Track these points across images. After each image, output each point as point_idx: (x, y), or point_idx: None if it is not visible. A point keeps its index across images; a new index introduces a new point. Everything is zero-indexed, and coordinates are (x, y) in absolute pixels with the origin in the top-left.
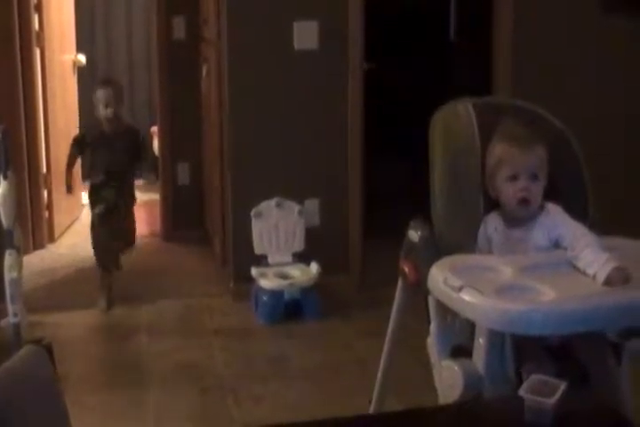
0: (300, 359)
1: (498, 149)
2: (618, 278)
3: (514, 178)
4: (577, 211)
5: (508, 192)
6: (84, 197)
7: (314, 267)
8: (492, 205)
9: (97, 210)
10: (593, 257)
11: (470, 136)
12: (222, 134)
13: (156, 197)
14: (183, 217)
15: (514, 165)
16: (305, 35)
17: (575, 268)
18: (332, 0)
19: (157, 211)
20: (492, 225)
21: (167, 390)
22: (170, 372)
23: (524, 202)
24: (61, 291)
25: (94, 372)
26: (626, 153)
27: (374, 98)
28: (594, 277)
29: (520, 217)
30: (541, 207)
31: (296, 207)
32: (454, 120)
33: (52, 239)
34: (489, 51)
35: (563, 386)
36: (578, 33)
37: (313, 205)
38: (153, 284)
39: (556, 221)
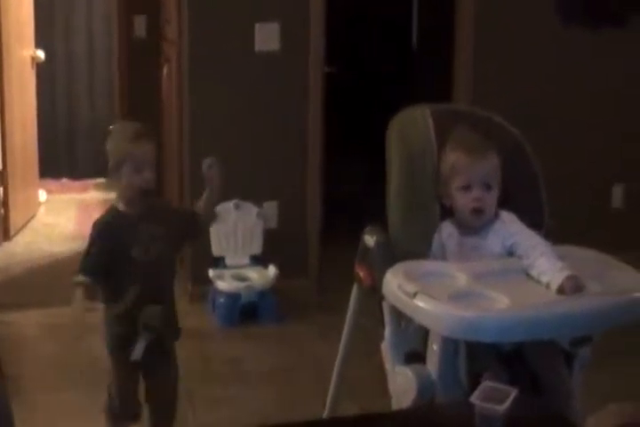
0: (257, 362)
1: (451, 158)
2: (571, 287)
3: (467, 188)
4: (532, 219)
5: (462, 202)
6: (42, 194)
7: (271, 270)
8: (448, 211)
9: (135, 353)
10: (547, 265)
11: (426, 142)
12: (181, 134)
13: (114, 196)
14: None
15: (467, 175)
16: (266, 36)
17: (529, 276)
18: (294, 2)
19: None
20: (447, 232)
21: None
22: None
23: (478, 212)
24: (16, 289)
25: (49, 371)
26: (586, 159)
27: (334, 101)
28: (547, 285)
29: (474, 226)
30: (496, 215)
31: (254, 209)
32: (411, 125)
33: (7, 237)
34: (450, 58)
35: (513, 393)
36: (538, 43)
37: (272, 207)
38: None
39: (511, 229)
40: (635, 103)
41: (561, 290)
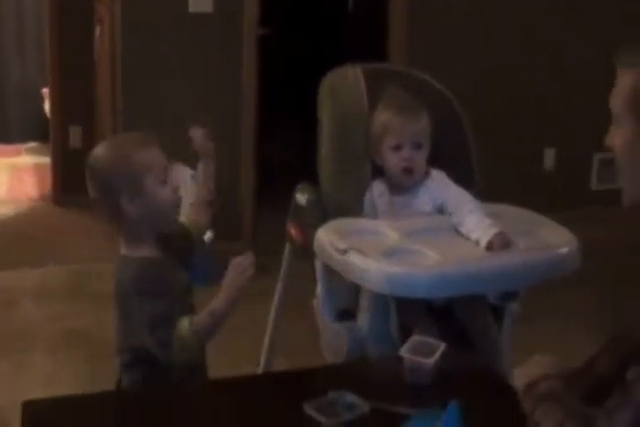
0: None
1: (382, 118)
2: (499, 243)
3: (398, 147)
4: (462, 178)
5: (393, 161)
6: None
7: (207, 232)
8: (379, 169)
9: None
10: (476, 223)
11: (358, 101)
12: (114, 97)
13: (46, 160)
14: (75, 181)
15: (398, 135)
16: None
17: (459, 233)
18: None
19: (48, 174)
20: (378, 191)
21: (55, 357)
22: (58, 338)
23: (408, 171)
24: None
25: None
26: (520, 122)
27: (269, 63)
28: (476, 242)
29: (404, 185)
30: (426, 174)
31: (188, 172)
32: (343, 84)
33: None
34: (385, 19)
35: (442, 347)
36: (473, 4)
37: None
38: (41, 248)
39: (441, 187)
40: (568, 68)
41: (489, 246)
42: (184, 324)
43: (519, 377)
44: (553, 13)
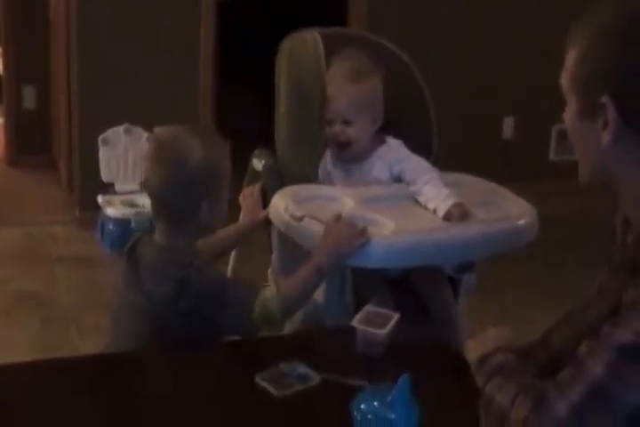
0: None
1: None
2: (457, 214)
3: (330, 122)
4: (421, 146)
5: (328, 134)
6: None
7: None
8: None
9: None
10: (434, 193)
11: (316, 65)
12: (69, 57)
13: (0, 120)
14: (29, 142)
15: (330, 110)
16: None
17: (416, 202)
18: None
19: (1, 135)
20: (332, 160)
21: (6, 321)
22: (9, 301)
23: (340, 145)
24: None
25: None
26: (479, 91)
27: (227, 29)
28: (434, 211)
29: (342, 158)
30: (381, 141)
31: (145, 135)
32: (301, 49)
33: None
34: None
35: (395, 318)
36: None
37: None
38: None
39: (398, 156)
40: (528, 38)
41: (447, 217)
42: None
43: (472, 350)
44: None
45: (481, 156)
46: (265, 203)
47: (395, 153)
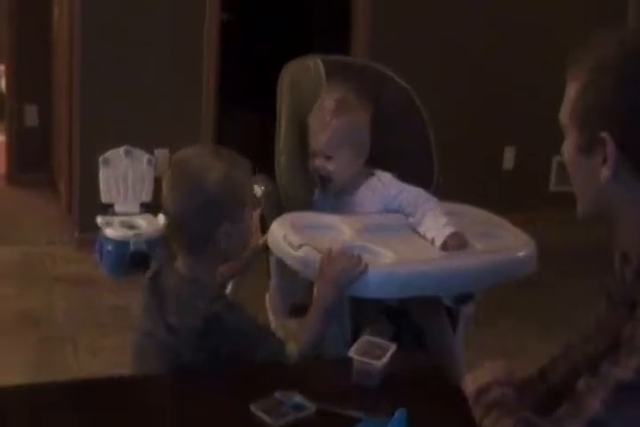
0: None
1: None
2: (455, 244)
3: (313, 155)
4: (422, 174)
5: (312, 167)
6: None
7: (161, 218)
8: None
9: None
10: (432, 222)
11: (317, 92)
12: (72, 77)
13: (1, 138)
14: (29, 160)
15: (313, 143)
16: None
17: (415, 231)
18: None
19: (2, 153)
20: (320, 191)
21: (3, 339)
22: (6, 320)
23: (324, 179)
24: None
25: None
26: (480, 121)
27: (231, 50)
28: (432, 241)
29: (329, 191)
30: (369, 173)
31: (145, 156)
32: (303, 75)
33: None
34: (348, 10)
35: (392, 348)
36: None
37: (163, 155)
38: None
39: (392, 190)
40: (529, 68)
41: (444, 247)
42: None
43: (469, 384)
44: (516, 11)
45: (481, 186)
46: (264, 229)
47: (388, 187)
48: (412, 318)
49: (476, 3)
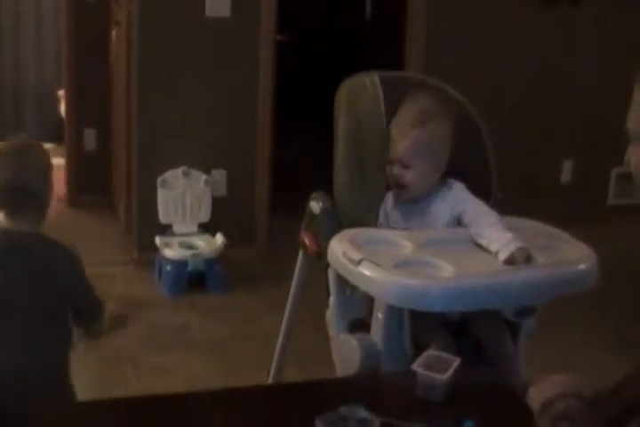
0: (203, 331)
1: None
2: (520, 258)
3: (391, 162)
4: (480, 189)
5: (388, 174)
6: None
7: (219, 238)
8: None
9: None
10: (496, 235)
11: (375, 108)
12: (130, 101)
13: (61, 161)
14: (89, 183)
15: (391, 151)
16: (217, 2)
17: (475, 244)
18: None
19: (62, 176)
20: (392, 202)
21: None
22: None
23: (399, 186)
24: None
25: None
26: (538, 134)
27: (286, 70)
28: (496, 254)
29: (401, 198)
30: (444, 184)
31: (203, 177)
32: (360, 92)
33: None
34: (403, 28)
35: (456, 362)
36: (491, 17)
37: (220, 175)
38: None
39: (459, 198)
40: (585, 82)
41: (510, 260)
42: None
43: (535, 396)
44: (570, 20)
45: (539, 199)
46: (321, 246)
47: (456, 196)
48: (472, 331)
49: (532, 20)
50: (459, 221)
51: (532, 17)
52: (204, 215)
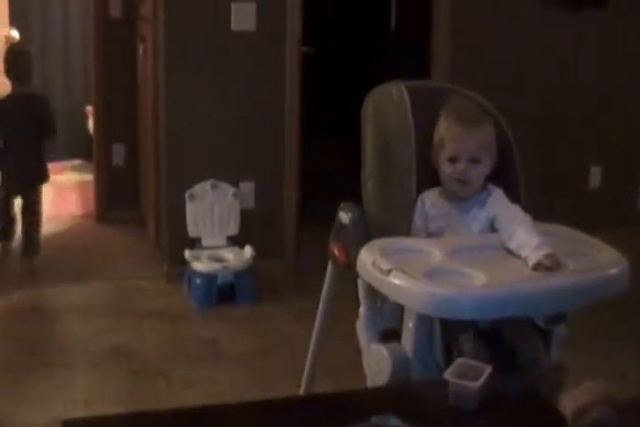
0: (233, 343)
1: (443, 128)
2: (547, 265)
3: (453, 160)
4: (508, 195)
5: (448, 172)
6: None
7: (248, 250)
8: (424, 186)
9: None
10: (525, 240)
11: (402, 117)
12: (157, 115)
13: (90, 177)
14: (118, 198)
15: (455, 147)
16: (243, 16)
17: (506, 251)
18: None
19: (91, 191)
20: (430, 200)
21: (97, 373)
22: (100, 354)
23: (462, 182)
24: None
25: (22, 354)
26: (566, 140)
27: (312, 81)
28: (525, 260)
29: (459, 196)
30: (484, 188)
31: (231, 190)
32: (387, 101)
33: None
34: (428, 38)
35: (488, 370)
36: (518, 22)
37: (248, 187)
38: (85, 265)
39: (496, 203)
40: (614, 87)
41: (537, 267)
42: None
43: (568, 404)
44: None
45: (568, 205)
46: (350, 256)
47: (494, 200)
48: (504, 339)
49: (560, 24)
50: (491, 225)
51: (561, 23)
52: (233, 228)
